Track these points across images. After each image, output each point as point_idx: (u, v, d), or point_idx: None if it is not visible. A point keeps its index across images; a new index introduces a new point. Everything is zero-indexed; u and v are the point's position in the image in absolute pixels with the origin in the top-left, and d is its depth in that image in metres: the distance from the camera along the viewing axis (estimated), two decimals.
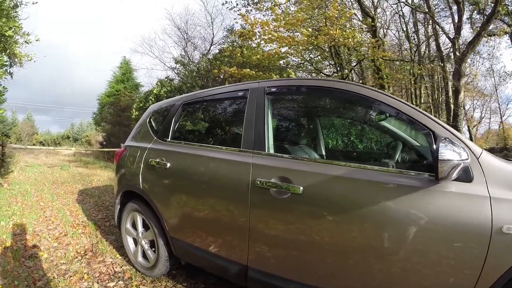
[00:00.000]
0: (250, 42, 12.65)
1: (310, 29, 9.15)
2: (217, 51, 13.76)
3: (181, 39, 14.87)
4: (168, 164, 2.42)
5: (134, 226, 2.89)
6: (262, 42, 11.25)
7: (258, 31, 10.43)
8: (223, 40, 13.90)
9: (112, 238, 3.64)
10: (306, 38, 9.06)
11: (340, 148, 2.70)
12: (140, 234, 2.76)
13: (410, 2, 14.93)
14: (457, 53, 12.71)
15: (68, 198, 5.58)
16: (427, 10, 14.25)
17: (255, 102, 2.12)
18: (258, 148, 1.96)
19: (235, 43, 13.70)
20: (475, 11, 14.88)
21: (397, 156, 2.07)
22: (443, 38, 15.38)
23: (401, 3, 15.27)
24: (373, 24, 11.47)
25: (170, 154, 2.49)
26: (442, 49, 15.20)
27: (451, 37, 13.56)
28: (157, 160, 2.54)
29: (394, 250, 1.43)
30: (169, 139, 2.66)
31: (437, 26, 14.83)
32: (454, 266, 1.32)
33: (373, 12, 13.27)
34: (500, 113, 27.10)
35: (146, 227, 2.75)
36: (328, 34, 8.94)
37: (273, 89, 2.14)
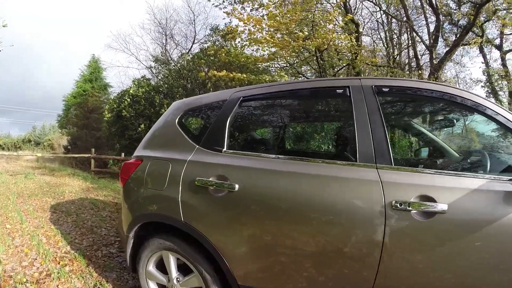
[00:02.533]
0: (234, 42, 11.91)
1: (306, 32, 8.60)
2: (199, 50, 12.83)
3: (162, 35, 13.72)
4: (237, 186, 1.67)
5: (160, 268, 2.09)
6: (247, 42, 10.59)
7: (249, 29, 9.74)
8: (206, 39, 12.98)
9: (113, 276, 2.73)
10: (301, 41, 8.51)
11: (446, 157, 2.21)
12: (174, 281, 1.97)
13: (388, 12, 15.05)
14: (434, 61, 12.83)
15: (39, 218, 4.46)
16: (406, 20, 14.41)
17: (365, 103, 1.69)
18: (381, 161, 1.55)
19: (217, 43, 12.86)
20: (446, 22, 15.31)
21: (489, 163, 1.76)
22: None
23: (381, 11, 15.36)
24: (357, 30, 11.24)
25: (236, 171, 1.77)
26: (419, 57, 15.41)
27: (427, 45, 13.76)
28: (211, 179, 1.78)
29: None
30: (225, 149, 1.86)
31: (415, 34, 14.98)
32: None
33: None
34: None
35: (183, 270, 1.96)
36: (325, 38, 8.49)
37: (385, 89, 1.73)
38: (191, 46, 13.86)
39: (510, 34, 14.21)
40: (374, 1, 14.75)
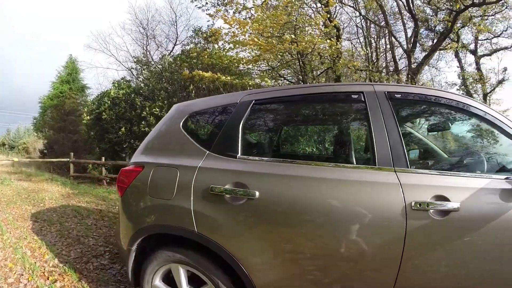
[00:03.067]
0: (218, 45, 11.76)
1: (292, 36, 8.61)
2: (180, 51, 12.59)
3: (143, 35, 13.35)
4: (257, 193, 1.62)
5: (166, 282, 1.97)
6: (231, 44, 10.47)
7: (233, 31, 9.65)
8: (189, 41, 12.73)
9: None
10: (288, 44, 8.52)
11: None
12: None
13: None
14: (412, 65, 13.17)
15: (21, 228, 4.17)
16: (385, 25, 14.77)
17: (379, 109, 1.72)
18: (398, 165, 1.59)
19: (199, 45, 12.67)
20: (423, 28, 15.78)
21: (485, 164, 1.86)
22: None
23: (360, 16, 15.65)
24: (338, 34, 11.39)
25: (255, 177, 1.69)
26: (397, 60, 15.82)
27: (405, 49, 14.13)
28: (227, 187, 1.69)
29: None
30: (240, 154, 1.80)
31: (393, 39, 15.36)
32: None
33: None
34: None
35: (194, 282, 1.86)
36: (311, 42, 8.56)
37: (397, 95, 1.78)
38: (173, 48, 13.57)
39: (485, 39, 14.79)
40: (354, 6, 15.00)
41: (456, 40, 14.56)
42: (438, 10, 13.87)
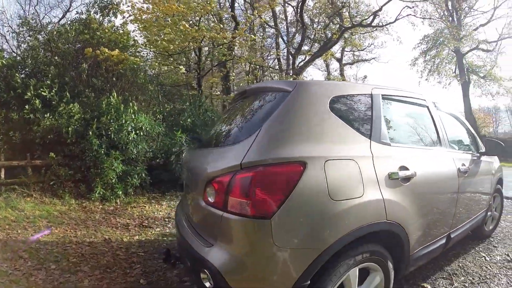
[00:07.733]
0: (114, 19, 10.10)
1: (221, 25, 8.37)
2: (71, 20, 10.13)
3: None
4: (416, 172, 2.03)
5: None
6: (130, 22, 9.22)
7: (144, 8, 8.52)
8: (84, 9, 10.25)
9: None
10: (215, 33, 8.18)
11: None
12: None
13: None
14: (296, 67, 14.57)
15: None
16: (275, 27, 15.79)
17: (436, 111, 2.77)
18: (448, 147, 2.71)
19: (96, 16, 10.52)
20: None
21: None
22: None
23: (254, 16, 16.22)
24: (236, 29, 11.57)
25: (412, 160, 2.08)
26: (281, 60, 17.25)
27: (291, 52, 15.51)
28: (398, 171, 1.93)
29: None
30: (389, 141, 2.02)
31: (280, 40, 16.50)
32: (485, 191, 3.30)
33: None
34: None
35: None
36: (239, 34, 8.57)
37: (437, 105, 2.90)
38: (64, 15, 10.88)
39: (349, 51, 17.65)
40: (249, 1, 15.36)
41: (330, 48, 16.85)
42: (330, 23, 15.44)
